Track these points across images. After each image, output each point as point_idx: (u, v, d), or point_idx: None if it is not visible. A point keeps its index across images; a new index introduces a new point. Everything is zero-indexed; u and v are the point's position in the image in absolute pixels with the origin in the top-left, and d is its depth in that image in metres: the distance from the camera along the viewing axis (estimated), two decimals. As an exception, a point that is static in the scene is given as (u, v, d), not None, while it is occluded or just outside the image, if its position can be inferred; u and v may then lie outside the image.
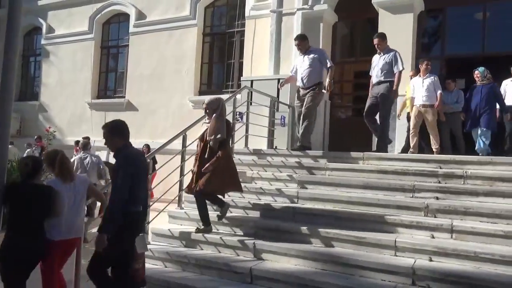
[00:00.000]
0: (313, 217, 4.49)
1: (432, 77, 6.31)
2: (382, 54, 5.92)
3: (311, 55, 5.86)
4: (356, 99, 8.38)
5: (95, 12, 11.52)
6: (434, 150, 6.20)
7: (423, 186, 4.63)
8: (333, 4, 7.99)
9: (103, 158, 8.37)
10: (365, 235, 3.96)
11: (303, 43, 6.00)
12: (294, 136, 7.46)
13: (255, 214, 4.81)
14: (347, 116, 8.71)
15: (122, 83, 11.26)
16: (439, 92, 6.27)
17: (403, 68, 5.81)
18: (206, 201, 4.51)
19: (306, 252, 3.89)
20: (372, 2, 7.24)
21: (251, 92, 6.83)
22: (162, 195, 4.90)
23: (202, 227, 4.49)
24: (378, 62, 5.93)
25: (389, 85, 5.76)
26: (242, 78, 8.29)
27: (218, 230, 4.62)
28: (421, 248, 3.68)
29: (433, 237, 3.89)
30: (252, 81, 7.71)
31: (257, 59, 8.71)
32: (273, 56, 8.05)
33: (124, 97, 10.88)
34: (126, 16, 11.14)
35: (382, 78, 5.81)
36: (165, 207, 4.94)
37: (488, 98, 6.12)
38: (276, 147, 6.71)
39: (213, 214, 4.60)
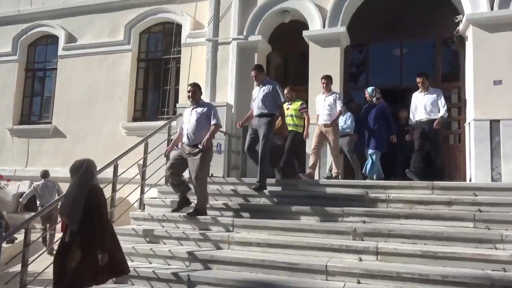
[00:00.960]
0: (248, 245, 4.52)
1: (334, 95, 6.23)
2: (261, 86, 5.67)
3: (200, 109, 5.28)
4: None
5: (20, 33, 10.85)
6: (333, 174, 6.13)
7: (351, 210, 4.87)
8: (267, 36, 8.33)
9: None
10: (298, 261, 4.06)
11: (199, 92, 5.43)
12: (230, 163, 7.52)
13: (189, 244, 4.73)
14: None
15: (48, 108, 10.60)
16: (338, 110, 6.14)
17: (284, 100, 5.76)
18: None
19: (240, 282, 3.88)
20: (303, 35, 7.67)
21: (187, 120, 6.79)
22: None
23: None
24: (258, 94, 5.66)
25: (271, 118, 5.55)
26: (177, 105, 8.24)
27: (151, 263, 4.46)
28: (349, 272, 3.84)
29: (360, 259, 4.08)
30: (188, 108, 7.69)
31: (194, 86, 8.71)
32: (209, 84, 8.14)
33: (50, 122, 10.23)
34: (54, 38, 10.62)
35: (263, 111, 5.54)
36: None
37: (377, 118, 6.16)
38: (212, 174, 6.68)
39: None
